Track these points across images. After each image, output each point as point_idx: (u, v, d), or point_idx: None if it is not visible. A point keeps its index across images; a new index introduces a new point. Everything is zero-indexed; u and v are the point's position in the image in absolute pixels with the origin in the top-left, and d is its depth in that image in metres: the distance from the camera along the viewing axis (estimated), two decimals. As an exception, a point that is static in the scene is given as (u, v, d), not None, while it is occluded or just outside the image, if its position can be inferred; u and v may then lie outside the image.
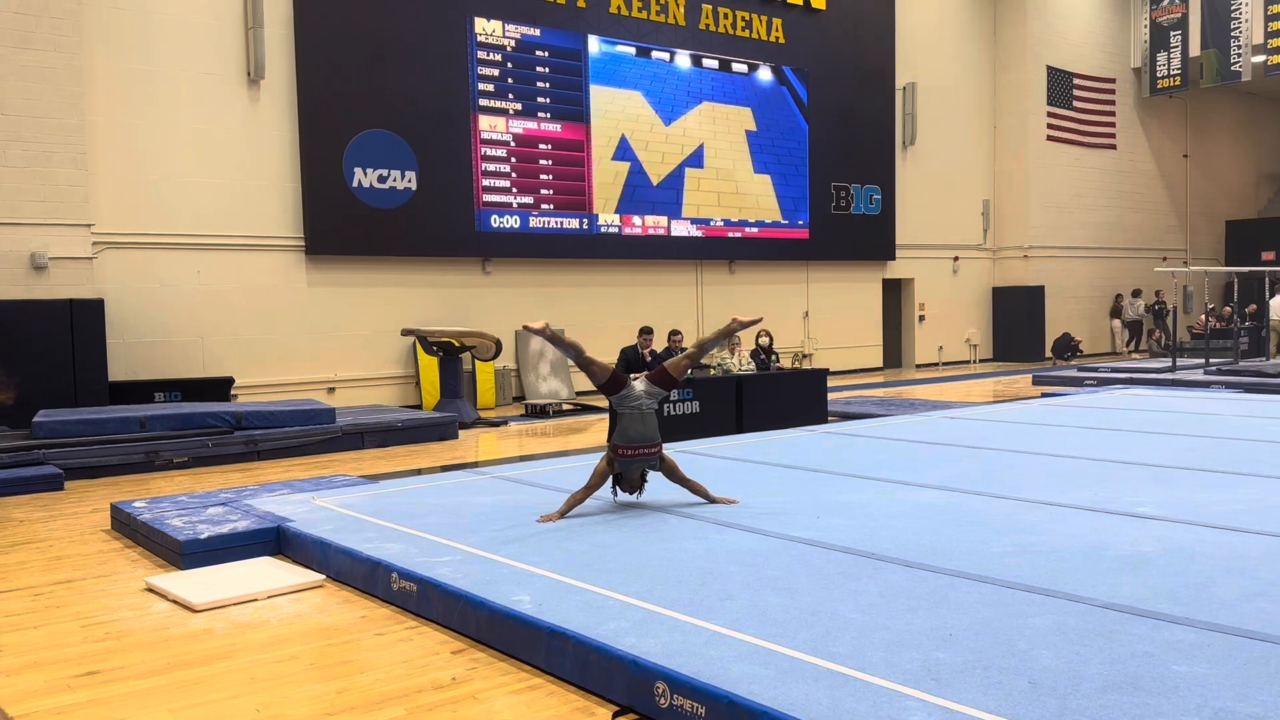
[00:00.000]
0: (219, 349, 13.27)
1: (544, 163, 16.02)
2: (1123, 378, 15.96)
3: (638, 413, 6.21)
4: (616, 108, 16.74)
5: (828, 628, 3.94)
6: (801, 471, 7.69)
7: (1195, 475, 7.13)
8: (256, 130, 13.51)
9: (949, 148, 22.41)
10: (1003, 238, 23.60)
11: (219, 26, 13.17)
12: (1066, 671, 3.43)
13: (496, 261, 15.70)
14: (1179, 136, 26.89)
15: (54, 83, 11.48)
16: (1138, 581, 4.48)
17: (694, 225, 17.76)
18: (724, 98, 18.19)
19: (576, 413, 14.51)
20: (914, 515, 5.98)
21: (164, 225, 12.82)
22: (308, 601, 5.22)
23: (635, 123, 16.97)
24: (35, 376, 10.95)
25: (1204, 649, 3.62)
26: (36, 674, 4.29)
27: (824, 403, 12.20)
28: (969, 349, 22.96)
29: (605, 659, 3.79)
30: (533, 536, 5.66)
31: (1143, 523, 5.65)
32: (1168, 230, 26.88)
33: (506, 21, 15.54)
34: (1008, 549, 5.10)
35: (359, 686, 4.02)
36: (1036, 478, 7.15)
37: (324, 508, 6.70)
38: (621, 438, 6.19)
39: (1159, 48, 24.50)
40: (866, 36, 20.33)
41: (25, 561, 6.28)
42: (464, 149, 15.16)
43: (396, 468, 9.57)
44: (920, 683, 3.36)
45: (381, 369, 14.74)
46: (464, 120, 15.16)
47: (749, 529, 5.68)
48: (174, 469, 9.76)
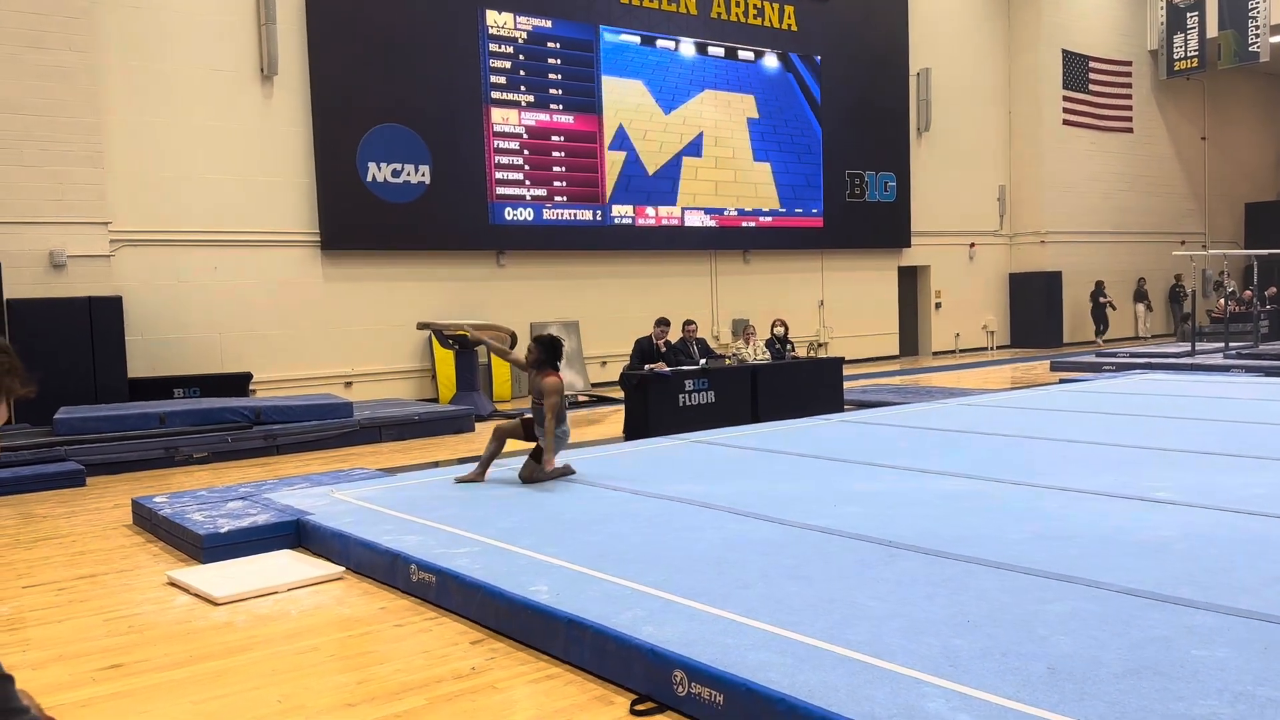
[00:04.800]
0: (237, 345, 13.35)
1: (556, 154, 16.02)
2: (1141, 363, 15.85)
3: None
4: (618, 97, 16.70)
5: (845, 615, 3.94)
6: (818, 460, 7.68)
7: (1214, 459, 7.08)
8: (270, 126, 13.56)
9: (964, 133, 22.27)
10: (1019, 223, 23.47)
11: (232, 23, 13.22)
12: (1085, 657, 3.42)
13: (510, 254, 15.72)
14: (1197, 119, 26.63)
15: (69, 82, 11.56)
16: (1156, 566, 4.46)
17: (708, 215, 17.73)
18: (733, 86, 18.14)
19: (592, 404, 14.53)
20: (931, 503, 5.97)
21: (180, 222, 12.89)
22: (328, 593, 5.25)
23: (637, 112, 16.93)
24: (56, 374, 11.04)
25: (1224, 633, 3.60)
26: (61, 667, 4.33)
27: (840, 391, 12.18)
28: (986, 336, 22.85)
29: (623, 648, 3.80)
30: (550, 527, 5.68)
31: (1161, 508, 5.62)
32: (1186, 214, 26.65)
33: (518, 14, 15.53)
34: (1025, 535, 5.09)
35: (379, 677, 4.05)
36: (1054, 464, 7.12)
37: (343, 501, 6.74)
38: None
39: (1175, 29, 24.25)
40: (879, 22, 20.22)
41: (49, 557, 6.35)
42: (477, 142, 15.18)
43: (414, 460, 9.61)
44: (939, 669, 3.36)
45: (398, 363, 14.79)
46: (476, 113, 15.17)
47: (766, 518, 5.69)
48: (194, 464, 9.83)
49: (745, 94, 18.32)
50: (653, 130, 17.18)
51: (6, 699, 1.03)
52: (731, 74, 18.12)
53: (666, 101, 17.33)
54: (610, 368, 15.97)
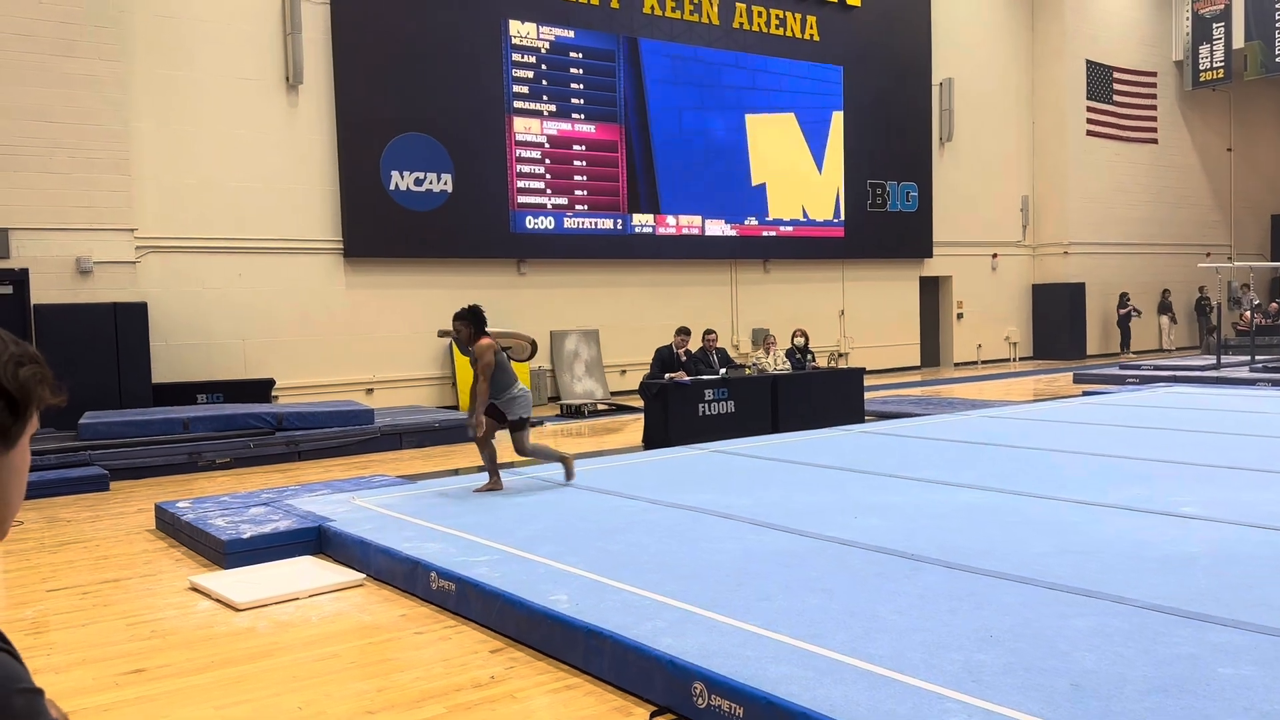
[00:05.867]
0: (260, 351, 13.44)
1: (578, 164, 16.06)
2: (1166, 375, 15.72)
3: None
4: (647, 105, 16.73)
5: (866, 628, 3.92)
6: (838, 471, 7.65)
7: (1240, 474, 7.01)
8: (295, 135, 13.67)
9: (987, 144, 22.18)
10: (1042, 234, 23.33)
11: (258, 33, 13.34)
12: (1109, 674, 3.39)
13: (531, 262, 15.77)
14: (1222, 130, 26.42)
15: (98, 90, 11.69)
16: (1181, 582, 4.42)
17: (728, 224, 17.72)
18: (758, 97, 18.13)
19: (611, 413, 14.54)
20: (953, 515, 5.93)
21: (205, 229, 13.00)
22: (348, 600, 5.27)
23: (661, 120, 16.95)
24: (81, 379, 11.14)
25: (1250, 651, 3.56)
26: (84, 671, 4.37)
27: (861, 402, 12.13)
28: (1008, 347, 22.71)
29: (643, 659, 3.80)
30: (570, 536, 5.69)
31: (1186, 523, 5.56)
32: (1211, 225, 26.42)
33: (541, 24, 15.60)
34: (1049, 549, 5.05)
35: (399, 685, 4.06)
36: (1077, 477, 7.07)
37: (364, 507, 6.77)
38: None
39: (1201, 40, 24.08)
40: (902, 33, 20.18)
41: (73, 560, 6.40)
42: (499, 151, 15.24)
43: (434, 468, 9.64)
44: (961, 684, 3.33)
45: (419, 370, 14.85)
46: (499, 122, 15.24)
47: (786, 529, 5.67)
48: (216, 469, 9.90)
49: (777, 105, 18.29)
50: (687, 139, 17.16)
51: (36, 713, 1.03)
52: (762, 84, 18.10)
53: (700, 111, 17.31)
54: (630, 376, 15.98)
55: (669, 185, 17.01)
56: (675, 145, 17.09)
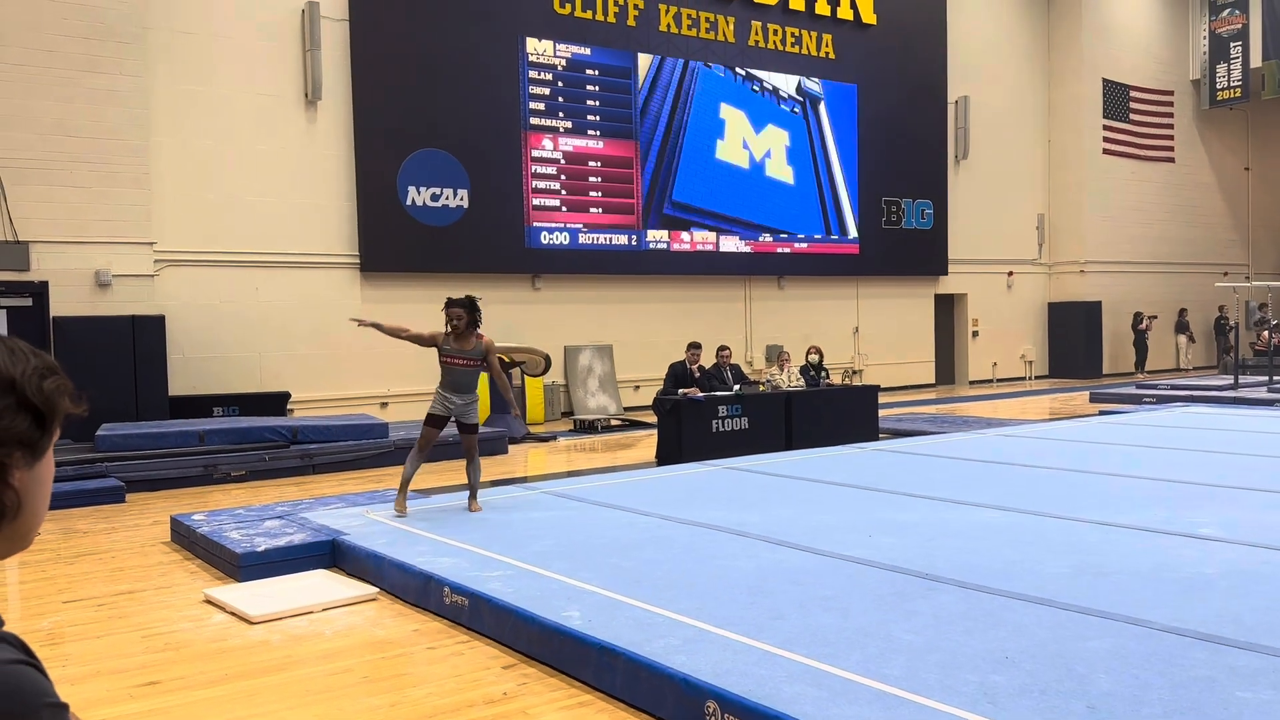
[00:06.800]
0: (276, 364, 13.51)
1: (593, 179, 16.12)
2: (1183, 395, 15.62)
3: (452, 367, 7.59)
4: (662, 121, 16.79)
5: (881, 648, 3.90)
6: (853, 489, 7.62)
7: (1258, 496, 6.95)
8: (313, 150, 13.77)
9: (1003, 161, 22.15)
10: (1058, 252, 23.26)
11: (278, 50, 13.46)
12: (1126, 696, 3.36)
13: (546, 278, 15.81)
14: (1240, 149, 26.32)
15: (120, 105, 11.81)
16: (1199, 604, 4.38)
17: (742, 241, 17.74)
18: (773, 114, 18.17)
19: (625, 428, 14.53)
20: (969, 535, 5.90)
21: (223, 243, 13.09)
22: (362, 614, 5.28)
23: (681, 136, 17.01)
24: (99, 391, 11.20)
25: (1269, 674, 3.52)
26: (99, 683, 4.38)
27: (875, 420, 12.09)
28: (1024, 365, 22.62)
29: (655, 677, 3.79)
30: (583, 552, 5.68)
31: (1204, 544, 5.52)
32: (1228, 244, 26.29)
33: (558, 41, 15.69)
34: (1065, 569, 5.01)
35: (411, 700, 4.05)
36: (1094, 497, 7.02)
37: (378, 521, 6.78)
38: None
39: (1218, 59, 24.02)
40: (918, 51, 20.20)
41: (89, 572, 6.43)
42: (515, 167, 15.31)
43: (448, 482, 9.65)
44: (976, 706, 3.31)
45: (433, 384, 14.78)
46: (515, 138, 15.32)
47: (800, 547, 5.65)
48: (231, 482, 9.93)
49: (790, 121, 18.33)
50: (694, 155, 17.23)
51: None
52: (777, 102, 18.15)
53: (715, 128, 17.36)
54: (643, 392, 15.97)
55: (684, 201, 17.05)
56: (690, 162, 17.15)
